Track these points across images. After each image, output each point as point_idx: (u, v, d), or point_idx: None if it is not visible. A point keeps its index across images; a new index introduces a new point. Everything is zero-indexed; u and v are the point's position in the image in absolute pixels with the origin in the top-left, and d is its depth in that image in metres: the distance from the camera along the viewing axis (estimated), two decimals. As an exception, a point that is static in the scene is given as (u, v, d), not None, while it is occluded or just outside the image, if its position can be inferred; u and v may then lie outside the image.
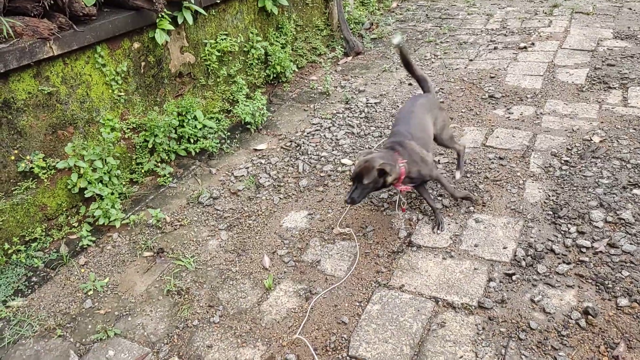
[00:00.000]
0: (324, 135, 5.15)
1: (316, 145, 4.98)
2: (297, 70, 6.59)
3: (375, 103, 5.70)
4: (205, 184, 4.55)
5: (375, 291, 3.17)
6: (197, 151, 4.88)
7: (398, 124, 3.54)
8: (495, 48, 6.97)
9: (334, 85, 6.29)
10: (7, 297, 3.40)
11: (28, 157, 3.75)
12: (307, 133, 5.25)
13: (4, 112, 3.58)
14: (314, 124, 5.43)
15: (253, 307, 3.19)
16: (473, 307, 2.95)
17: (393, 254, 3.46)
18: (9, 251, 3.63)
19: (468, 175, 4.17)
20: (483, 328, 2.81)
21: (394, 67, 6.71)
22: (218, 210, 4.18)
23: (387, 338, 2.82)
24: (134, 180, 4.52)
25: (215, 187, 4.48)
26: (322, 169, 4.59)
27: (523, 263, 3.21)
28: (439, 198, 3.93)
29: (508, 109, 5.22)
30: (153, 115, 4.55)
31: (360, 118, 5.41)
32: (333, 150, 4.87)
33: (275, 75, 6.24)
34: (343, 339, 2.86)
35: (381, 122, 5.26)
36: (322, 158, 4.75)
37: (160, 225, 4.01)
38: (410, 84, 6.12)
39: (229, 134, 5.22)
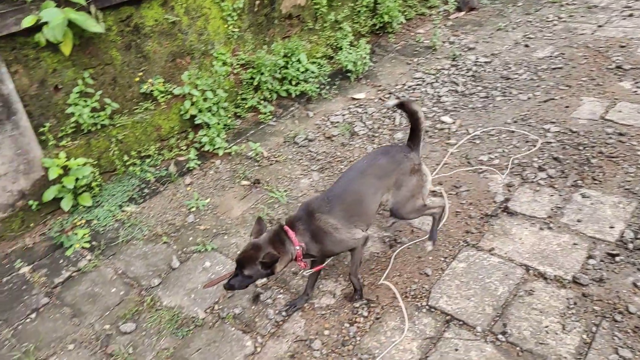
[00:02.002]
0: (425, 91, 5.01)
1: (416, 100, 4.86)
2: (404, 21, 6.37)
3: (485, 62, 5.40)
4: (302, 125, 4.66)
5: (462, 250, 3.13)
6: (298, 94, 4.98)
7: (338, 182, 2.79)
8: (630, 15, 6.21)
9: (441, 40, 6.03)
10: (123, 202, 3.82)
11: (150, 80, 4.07)
12: (408, 87, 5.13)
13: (134, 35, 3.88)
14: (415, 78, 5.29)
15: (338, 246, 3.30)
16: (566, 281, 2.82)
17: (486, 216, 3.37)
18: (127, 163, 4.03)
19: (580, 147, 3.87)
20: (575, 303, 2.69)
21: (510, 27, 6.26)
22: (312, 151, 4.29)
23: (470, 296, 2.80)
24: (237, 114, 4.74)
25: (311, 130, 4.58)
26: (420, 124, 4.50)
27: (630, 246, 2.98)
28: (544, 167, 3.71)
29: (636, 83, 4.69)
30: (261, 54, 4.68)
31: (467, 76, 5.17)
32: (433, 106, 4.74)
33: (381, 25, 6.10)
34: (424, 289, 2.89)
35: (489, 83, 4.99)
36: (422, 113, 4.65)
37: (258, 159, 4.21)
38: (526, 46, 5.69)
39: (328, 79, 5.25)
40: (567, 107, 4.45)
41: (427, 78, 5.23)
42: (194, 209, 3.73)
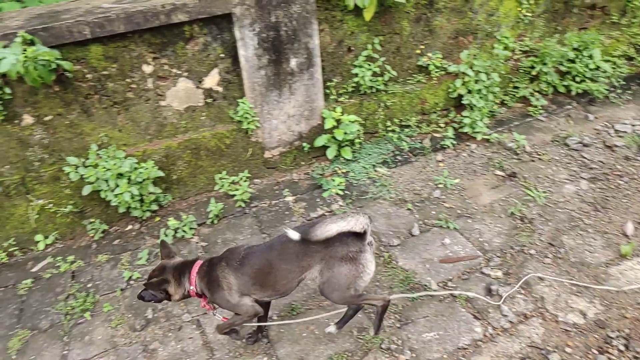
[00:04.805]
0: None
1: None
2: None
3: None
4: (577, 127, 4.17)
5: None
6: (579, 92, 4.45)
7: (263, 245, 2.49)
8: None
9: None
10: (377, 163, 4.07)
11: (429, 54, 4.17)
12: None
13: (427, 9, 4.01)
14: None
15: (599, 266, 2.88)
16: None
17: None
18: (388, 128, 4.27)
19: None
20: None
21: None
22: (585, 158, 3.81)
23: None
24: (504, 102, 4.52)
25: (588, 134, 4.06)
26: None
27: None
28: None
29: None
30: (549, 43, 4.31)
31: None
32: None
33: None
34: None
35: None
36: None
37: (518, 152, 3.96)
38: None
39: (622, 83, 4.54)
40: None
41: None
42: (441, 186, 3.74)
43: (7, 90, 3.11)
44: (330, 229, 2.15)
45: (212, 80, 3.65)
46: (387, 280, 2.98)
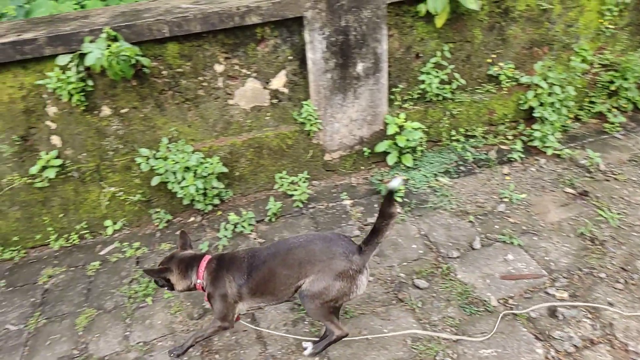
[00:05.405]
0: None
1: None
2: None
3: None
4: (659, 148, 3.90)
5: None
6: (662, 111, 4.17)
7: (265, 251, 2.48)
8: None
9: None
10: (438, 172, 3.99)
11: (500, 64, 4.05)
12: None
13: (501, 18, 3.89)
14: None
15: (679, 297, 2.67)
16: None
17: None
18: (452, 138, 4.18)
19: None
20: None
21: None
22: (666, 180, 3.56)
23: None
24: (578, 116, 4.30)
25: (671, 156, 3.79)
26: None
27: None
28: None
29: None
30: (633, 57, 4.06)
31: None
32: None
33: None
34: None
35: None
36: None
37: (591, 170, 3.75)
38: None
39: None
40: None
41: None
42: (506, 200, 3.60)
43: (90, 82, 3.31)
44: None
45: (279, 81, 3.72)
46: (445, 293, 2.90)
